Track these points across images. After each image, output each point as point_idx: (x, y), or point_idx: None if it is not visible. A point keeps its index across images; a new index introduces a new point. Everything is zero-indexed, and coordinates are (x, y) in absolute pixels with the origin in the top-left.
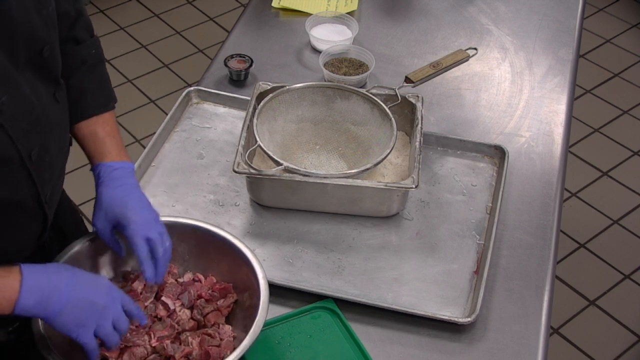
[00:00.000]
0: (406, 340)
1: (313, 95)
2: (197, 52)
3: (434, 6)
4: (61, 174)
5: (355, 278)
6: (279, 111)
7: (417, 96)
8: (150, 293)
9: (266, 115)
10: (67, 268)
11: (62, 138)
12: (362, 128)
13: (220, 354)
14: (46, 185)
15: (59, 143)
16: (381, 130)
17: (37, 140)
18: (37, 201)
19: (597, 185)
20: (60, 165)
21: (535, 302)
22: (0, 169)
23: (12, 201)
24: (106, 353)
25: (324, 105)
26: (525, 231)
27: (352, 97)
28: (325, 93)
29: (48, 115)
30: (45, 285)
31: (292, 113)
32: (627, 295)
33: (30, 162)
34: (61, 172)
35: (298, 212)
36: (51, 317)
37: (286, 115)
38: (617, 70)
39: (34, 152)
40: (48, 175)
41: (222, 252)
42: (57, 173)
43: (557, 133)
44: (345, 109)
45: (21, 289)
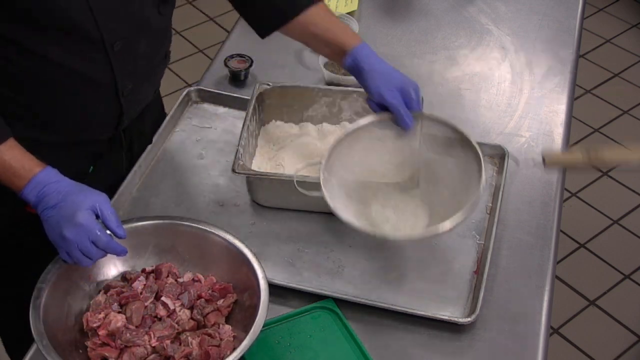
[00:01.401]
0: (406, 340)
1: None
2: (197, 52)
3: (434, 6)
4: (149, 78)
5: (355, 278)
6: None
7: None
8: (150, 293)
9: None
10: (74, 192)
11: (155, 44)
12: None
13: (220, 354)
14: (126, 78)
15: (152, 47)
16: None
17: (124, 34)
18: (115, 89)
19: (597, 185)
20: (149, 68)
21: (535, 302)
22: (82, 45)
23: (90, 78)
24: (106, 353)
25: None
26: (525, 231)
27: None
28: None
29: (145, 19)
30: (45, 189)
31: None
32: (627, 295)
33: (111, 50)
34: (149, 77)
35: (298, 212)
36: (41, 215)
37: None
38: (617, 70)
39: (118, 43)
40: (131, 70)
41: (222, 252)
42: (143, 74)
43: (557, 133)
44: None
45: (29, 181)
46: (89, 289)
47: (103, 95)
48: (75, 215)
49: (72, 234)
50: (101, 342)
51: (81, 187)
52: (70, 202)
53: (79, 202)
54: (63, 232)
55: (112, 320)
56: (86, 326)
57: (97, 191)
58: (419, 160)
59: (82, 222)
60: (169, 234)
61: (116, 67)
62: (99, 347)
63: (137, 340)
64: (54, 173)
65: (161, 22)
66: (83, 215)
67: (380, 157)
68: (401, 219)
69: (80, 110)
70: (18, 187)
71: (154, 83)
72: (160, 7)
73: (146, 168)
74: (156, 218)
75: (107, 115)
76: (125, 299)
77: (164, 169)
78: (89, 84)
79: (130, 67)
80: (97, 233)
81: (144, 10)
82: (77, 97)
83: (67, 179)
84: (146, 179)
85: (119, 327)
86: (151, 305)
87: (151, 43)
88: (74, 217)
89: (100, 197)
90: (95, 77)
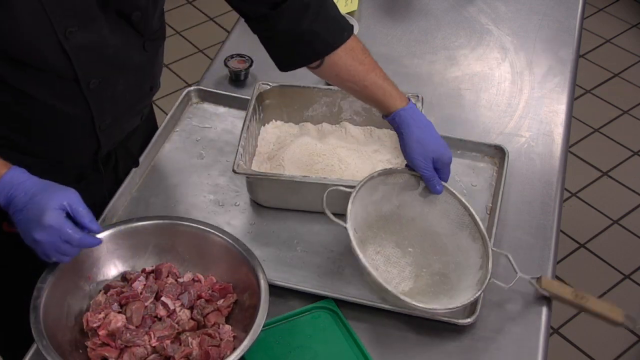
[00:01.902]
0: (406, 341)
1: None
2: (197, 52)
3: (434, 6)
4: (131, 111)
5: (355, 278)
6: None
7: (417, 96)
8: (150, 293)
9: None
10: (40, 191)
11: (137, 80)
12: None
13: (220, 354)
14: (104, 114)
15: (133, 84)
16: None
17: (100, 73)
18: (92, 124)
19: (597, 185)
20: (130, 103)
21: (535, 302)
22: (57, 82)
23: (66, 113)
24: (106, 353)
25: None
26: (525, 231)
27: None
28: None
29: (125, 58)
30: (13, 191)
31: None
32: (627, 295)
33: (87, 89)
34: (131, 110)
35: (298, 213)
36: (13, 219)
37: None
38: (617, 70)
39: (93, 82)
40: (108, 107)
41: (222, 252)
42: (124, 109)
43: (557, 133)
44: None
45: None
46: (89, 289)
47: (80, 130)
48: (43, 217)
49: (43, 237)
50: (101, 342)
51: (47, 185)
52: (37, 203)
53: (45, 202)
54: (33, 236)
55: (112, 320)
56: (86, 326)
57: (65, 187)
58: (424, 226)
59: (51, 223)
60: (169, 234)
61: (92, 104)
62: (99, 347)
63: (137, 340)
64: (19, 172)
65: (145, 59)
66: (51, 215)
67: (394, 207)
68: (388, 273)
69: (57, 140)
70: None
71: (137, 114)
72: (145, 44)
73: (146, 168)
74: (156, 218)
75: (84, 146)
76: (125, 299)
77: (164, 169)
78: (66, 118)
79: (107, 104)
80: (69, 231)
81: (126, 50)
82: (54, 129)
83: (34, 177)
84: (146, 179)
85: (119, 327)
86: (151, 305)
87: (132, 80)
88: (42, 218)
89: (69, 192)
90: (72, 113)
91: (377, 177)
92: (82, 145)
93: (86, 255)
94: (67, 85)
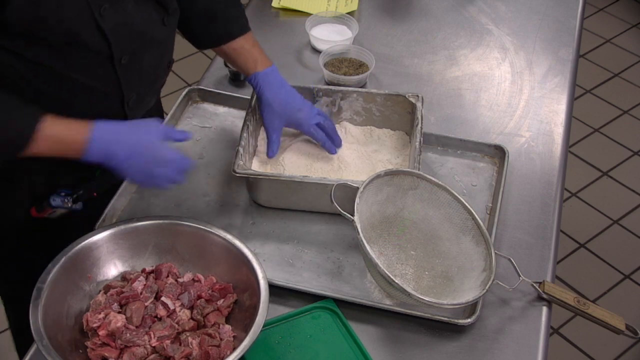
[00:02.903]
0: (406, 341)
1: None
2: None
3: (434, 6)
4: (152, 88)
5: (355, 278)
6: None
7: (417, 96)
8: (150, 293)
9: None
10: (134, 132)
11: (159, 55)
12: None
13: (220, 354)
14: (131, 89)
15: (155, 59)
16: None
17: (130, 48)
18: (120, 100)
19: (597, 185)
20: (152, 78)
21: (536, 303)
22: (90, 60)
23: (97, 90)
24: (106, 353)
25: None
26: (525, 231)
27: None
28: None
29: (149, 32)
30: (107, 144)
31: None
32: (627, 295)
33: (119, 64)
34: (152, 86)
35: (298, 213)
36: (115, 168)
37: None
38: (617, 70)
39: (125, 57)
40: (136, 83)
41: (222, 252)
42: (147, 84)
43: (557, 133)
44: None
45: (89, 140)
46: (89, 289)
47: (109, 106)
48: (158, 153)
49: (162, 171)
50: (101, 342)
51: (137, 125)
52: (144, 145)
53: (152, 142)
54: (153, 172)
55: (112, 320)
56: (86, 326)
57: (149, 120)
58: (428, 229)
59: (167, 156)
60: (169, 234)
61: (122, 80)
62: (99, 347)
63: (137, 340)
64: (103, 124)
65: (164, 34)
66: (163, 150)
67: (398, 209)
68: (391, 274)
69: (86, 117)
70: (78, 153)
71: (156, 91)
72: (164, 19)
73: None
74: (156, 218)
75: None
76: (125, 299)
77: None
78: (96, 95)
79: (135, 79)
80: (185, 160)
81: (149, 25)
82: (84, 107)
83: (119, 124)
84: None
85: (119, 327)
86: (151, 305)
87: (155, 54)
88: (156, 155)
89: (157, 123)
90: (102, 90)
91: (383, 177)
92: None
93: (86, 255)
94: (102, 63)
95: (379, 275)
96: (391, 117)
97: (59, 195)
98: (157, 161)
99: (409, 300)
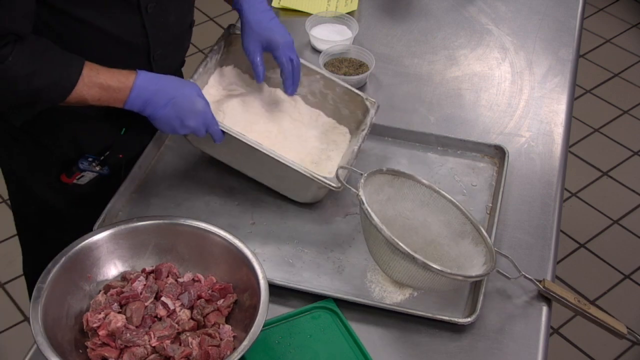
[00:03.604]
0: (406, 340)
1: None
2: (197, 52)
3: (434, 6)
4: (177, 46)
5: (355, 278)
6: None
7: (374, 102)
8: (150, 293)
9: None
10: (174, 84)
11: (183, 10)
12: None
13: (220, 354)
14: (158, 43)
15: (180, 14)
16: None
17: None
18: (147, 53)
19: (597, 185)
20: (177, 33)
21: (536, 302)
22: (118, 7)
23: (125, 41)
24: (106, 353)
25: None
26: (525, 231)
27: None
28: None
29: None
30: (148, 93)
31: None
32: (627, 295)
33: (145, 13)
34: (176, 43)
35: (298, 212)
36: (153, 115)
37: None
38: (617, 70)
39: (151, 5)
40: (162, 35)
41: (222, 252)
42: (171, 40)
43: (557, 133)
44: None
45: (132, 87)
46: (89, 289)
47: (136, 59)
48: (195, 105)
49: (193, 123)
50: (101, 342)
51: (177, 80)
52: (184, 95)
53: (190, 93)
54: (187, 123)
55: (112, 320)
56: (86, 326)
57: (188, 81)
58: (427, 235)
59: (201, 108)
60: (169, 234)
61: (150, 30)
62: (99, 347)
63: (137, 340)
64: (146, 74)
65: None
66: (200, 102)
67: (397, 214)
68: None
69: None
70: (120, 101)
71: (181, 52)
72: None
73: (146, 168)
74: (156, 218)
75: None
76: (125, 299)
77: (164, 169)
78: (124, 47)
79: (161, 31)
80: (213, 119)
81: None
82: (112, 60)
83: (160, 75)
84: (146, 179)
85: (119, 327)
86: (151, 305)
87: (179, 8)
88: (194, 106)
89: (194, 84)
90: (130, 40)
91: (385, 174)
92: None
93: (86, 255)
94: (128, 10)
95: (383, 246)
96: (342, 111)
97: (86, 160)
98: (192, 112)
99: (414, 272)
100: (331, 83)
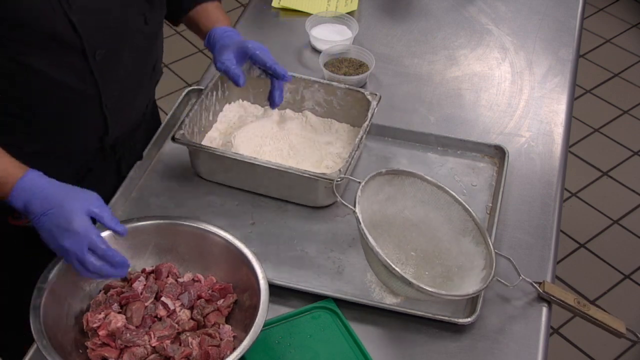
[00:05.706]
0: (406, 340)
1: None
2: (197, 52)
3: (434, 6)
4: (136, 91)
5: (355, 278)
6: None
7: (375, 94)
8: (150, 293)
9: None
10: (64, 196)
11: (141, 56)
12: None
13: (220, 354)
14: (110, 89)
15: (138, 59)
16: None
17: (106, 43)
18: (99, 100)
19: (597, 185)
20: (134, 80)
21: (536, 302)
22: (64, 54)
23: (72, 88)
24: (106, 353)
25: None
26: (525, 231)
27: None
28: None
29: (130, 29)
30: (32, 195)
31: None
32: (627, 295)
33: (93, 60)
34: (135, 89)
35: (298, 213)
36: (33, 222)
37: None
38: (617, 70)
39: (99, 52)
40: (114, 81)
41: (222, 252)
42: (128, 86)
43: (557, 133)
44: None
45: (14, 186)
46: (89, 289)
47: (86, 106)
48: (72, 223)
49: (69, 243)
50: (101, 342)
51: (69, 189)
52: (63, 209)
53: (71, 208)
54: (61, 243)
55: (112, 321)
56: (86, 326)
57: (87, 191)
58: (428, 231)
59: (79, 229)
60: (169, 234)
61: (99, 76)
62: (99, 348)
63: (137, 340)
64: (38, 176)
65: (148, 31)
66: (79, 222)
67: (399, 210)
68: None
69: (64, 119)
70: (4, 193)
71: (143, 97)
72: (146, 16)
73: (146, 168)
74: (156, 218)
75: (91, 126)
76: (126, 299)
77: (164, 169)
78: (73, 93)
79: (113, 77)
80: (94, 239)
81: (127, 20)
82: (61, 106)
83: (54, 181)
84: (146, 179)
85: (119, 327)
86: (151, 305)
87: (136, 53)
88: (70, 225)
89: (92, 197)
90: (78, 87)
91: (384, 175)
92: (89, 125)
93: None
94: (74, 57)
95: (380, 265)
96: (350, 113)
97: None
98: (67, 229)
99: (410, 291)
100: (330, 88)
